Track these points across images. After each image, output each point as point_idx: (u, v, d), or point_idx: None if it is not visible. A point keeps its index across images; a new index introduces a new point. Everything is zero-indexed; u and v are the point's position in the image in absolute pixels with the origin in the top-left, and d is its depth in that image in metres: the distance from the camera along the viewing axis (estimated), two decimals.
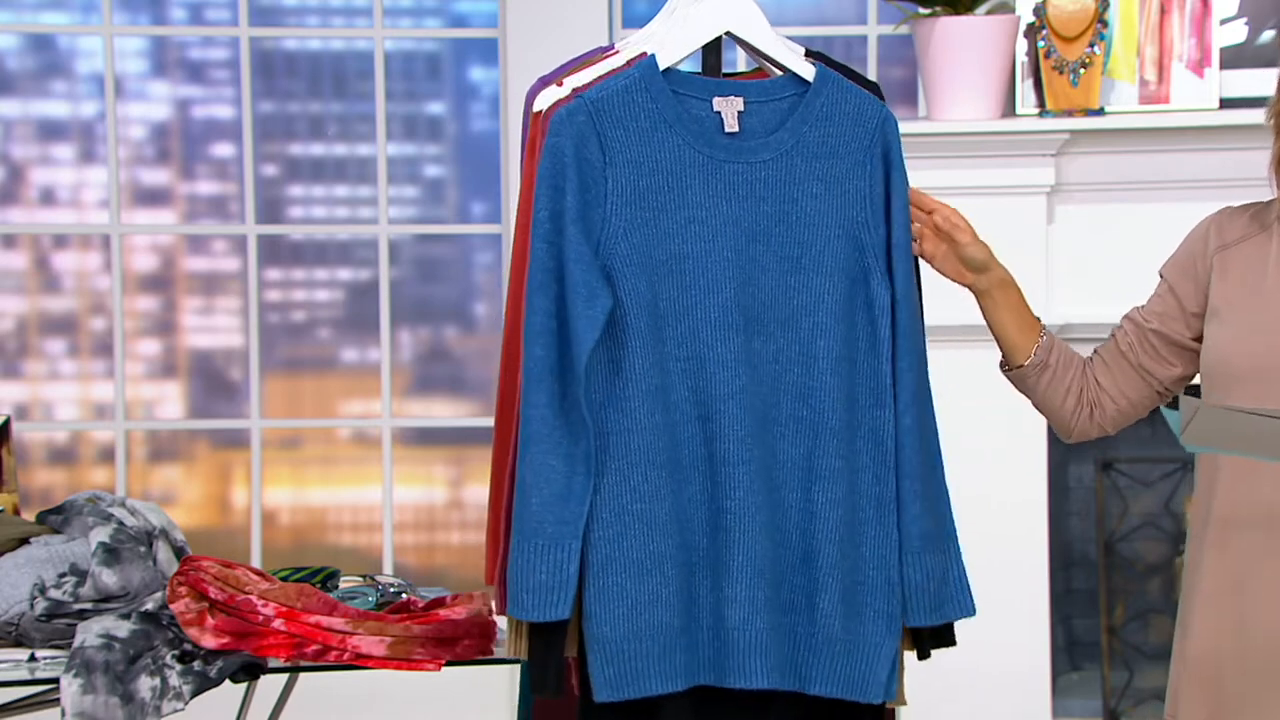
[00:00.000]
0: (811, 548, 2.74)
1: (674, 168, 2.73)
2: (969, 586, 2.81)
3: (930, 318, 2.89)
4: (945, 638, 2.83)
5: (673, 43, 2.79)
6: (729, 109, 2.76)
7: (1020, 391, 2.95)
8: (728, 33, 2.82)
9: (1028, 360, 2.89)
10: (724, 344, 2.73)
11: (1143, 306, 2.94)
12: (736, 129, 2.76)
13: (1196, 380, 2.92)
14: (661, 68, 2.75)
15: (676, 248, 2.72)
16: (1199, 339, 2.88)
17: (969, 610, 2.82)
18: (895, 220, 2.78)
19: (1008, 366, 2.93)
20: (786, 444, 2.75)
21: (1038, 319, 2.91)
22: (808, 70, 2.79)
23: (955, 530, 2.81)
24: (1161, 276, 2.94)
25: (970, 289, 2.88)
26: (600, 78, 2.83)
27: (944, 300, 3.30)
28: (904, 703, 2.84)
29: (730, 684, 2.72)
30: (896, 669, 2.77)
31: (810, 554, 2.74)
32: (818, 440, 2.74)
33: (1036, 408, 2.96)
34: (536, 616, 2.67)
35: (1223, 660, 2.81)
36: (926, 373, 2.79)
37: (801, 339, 2.75)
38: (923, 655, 2.84)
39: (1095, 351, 2.96)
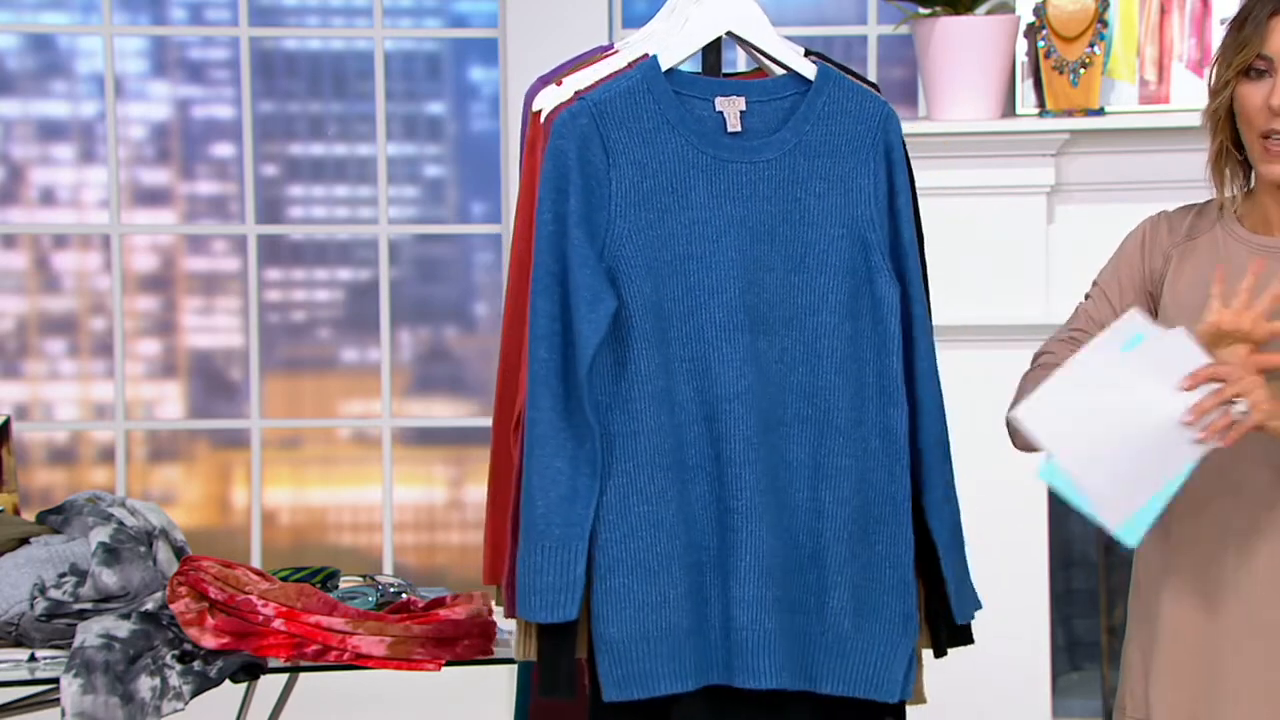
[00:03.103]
0: (820, 546, 2.74)
1: (678, 169, 2.72)
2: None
3: (932, 318, 2.87)
4: (964, 636, 2.85)
5: (675, 43, 2.79)
6: (731, 109, 2.75)
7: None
8: (728, 32, 2.81)
9: None
10: (729, 344, 2.72)
11: (1078, 322, 2.88)
12: (739, 129, 2.75)
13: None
14: (663, 68, 2.75)
15: (681, 249, 2.72)
16: None
17: (979, 603, 2.86)
18: (900, 216, 2.77)
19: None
20: (793, 444, 2.75)
21: None
22: (809, 69, 2.78)
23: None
24: (1096, 284, 2.90)
25: None
26: (603, 79, 2.81)
27: (943, 300, 3.29)
28: (924, 700, 2.85)
29: (739, 683, 2.72)
30: (914, 668, 2.77)
31: (819, 553, 2.74)
32: (824, 439, 2.74)
33: None
34: (544, 618, 2.66)
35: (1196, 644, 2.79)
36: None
37: (806, 338, 2.74)
38: (940, 653, 2.85)
39: (1037, 364, 2.90)
